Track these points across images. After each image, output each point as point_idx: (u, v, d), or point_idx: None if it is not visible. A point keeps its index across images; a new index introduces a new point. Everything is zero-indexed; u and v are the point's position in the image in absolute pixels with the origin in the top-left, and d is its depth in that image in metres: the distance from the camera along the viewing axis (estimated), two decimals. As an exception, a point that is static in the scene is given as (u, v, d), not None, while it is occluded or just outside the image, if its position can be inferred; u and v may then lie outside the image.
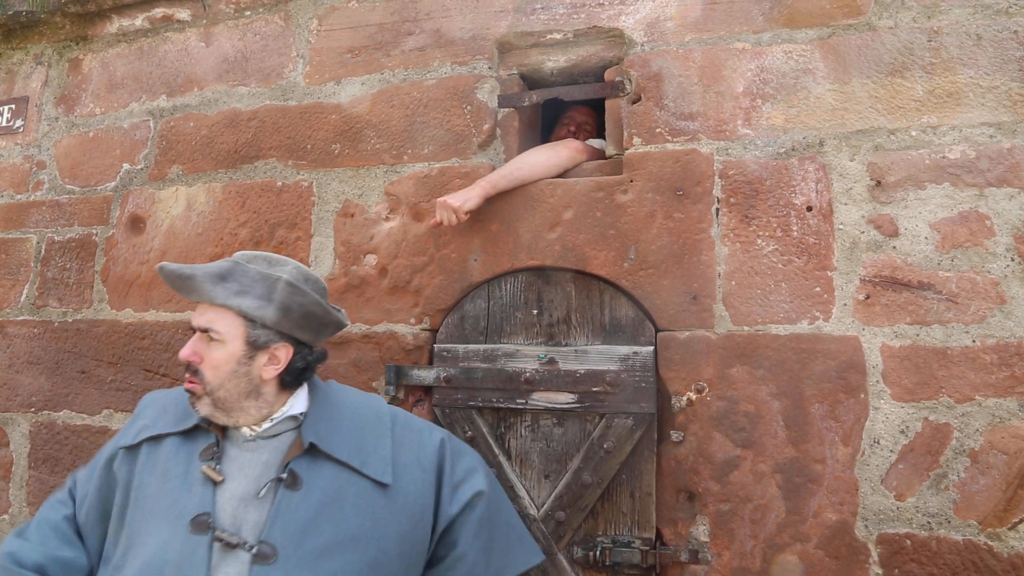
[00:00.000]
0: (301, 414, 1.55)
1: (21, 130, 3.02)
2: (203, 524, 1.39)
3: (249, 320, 1.48)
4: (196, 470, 1.47)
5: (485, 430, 2.12)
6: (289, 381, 1.55)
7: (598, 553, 1.96)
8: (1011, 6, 1.90)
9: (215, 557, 1.36)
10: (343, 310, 1.66)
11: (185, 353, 1.47)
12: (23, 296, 2.86)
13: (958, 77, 1.91)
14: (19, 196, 2.96)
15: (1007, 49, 1.89)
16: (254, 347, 1.48)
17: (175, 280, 1.50)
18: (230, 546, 1.37)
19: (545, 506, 2.03)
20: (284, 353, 1.52)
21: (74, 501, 1.60)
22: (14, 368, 2.82)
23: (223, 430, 1.54)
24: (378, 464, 1.51)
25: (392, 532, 1.47)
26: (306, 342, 1.57)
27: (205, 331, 1.47)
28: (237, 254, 1.57)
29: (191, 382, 1.48)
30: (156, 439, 1.56)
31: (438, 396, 2.17)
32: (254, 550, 1.36)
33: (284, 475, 1.44)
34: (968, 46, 1.92)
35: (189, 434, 1.55)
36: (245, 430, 1.52)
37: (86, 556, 1.53)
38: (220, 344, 1.47)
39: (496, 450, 2.10)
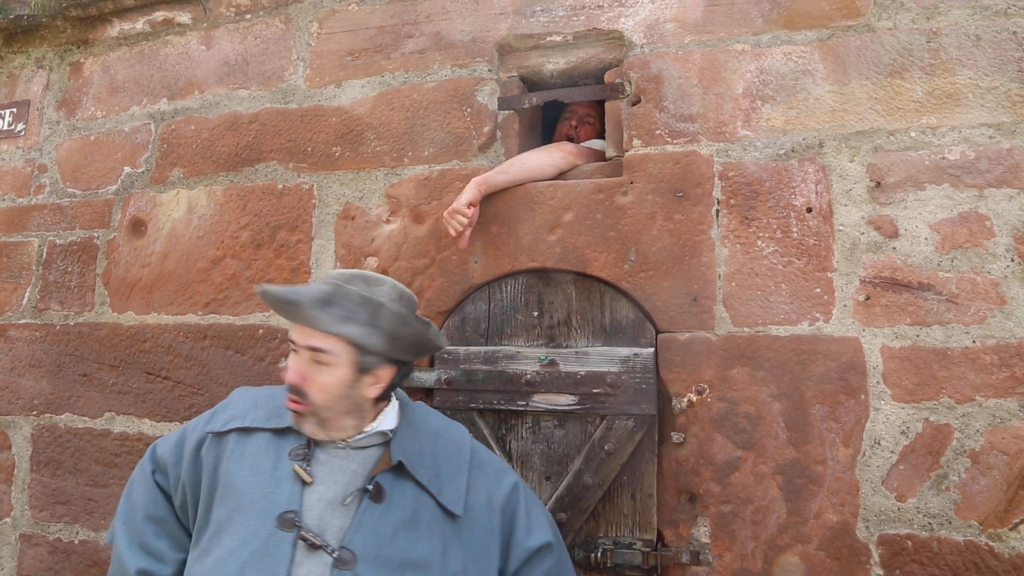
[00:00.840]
0: (390, 431, 1.57)
1: (23, 134, 3.03)
2: (289, 521, 1.42)
3: (358, 347, 1.47)
4: (286, 468, 1.49)
5: (486, 432, 2.12)
6: (385, 396, 1.59)
7: (599, 554, 1.96)
8: (1010, 7, 1.90)
9: (298, 555, 1.39)
10: (435, 327, 1.64)
11: (293, 377, 1.46)
12: (25, 299, 2.87)
13: (957, 78, 1.92)
14: (21, 200, 2.97)
15: (1006, 50, 1.89)
16: (361, 371, 1.49)
17: (278, 305, 1.49)
18: (313, 547, 1.40)
19: (546, 507, 2.03)
20: (387, 373, 1.54)
21: (160, 488, 1.61)
22: (16, 371, 2.82)
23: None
24: (452, 494, 1.53)
25: (455, 565, 1.48)
26: (406, 361, 1.60)
27: (314, 352, 1.46)
28: (333, 274, 1.55)
29: (296, 403, 1.47)
30: (245, 431, 1.57)
31: (439, 398, 2.18)
32: (336, 554, 1.39)
33: (370, 487, 1.47)
34: (967, 47, 1.92)
35: (280, 432, 1.56)
36: (336, 439, 1.54)
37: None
38: (329, 368, 1.47)
39: (497, 452, 2.10)
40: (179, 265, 2.62)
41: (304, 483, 1.47)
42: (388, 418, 1.59)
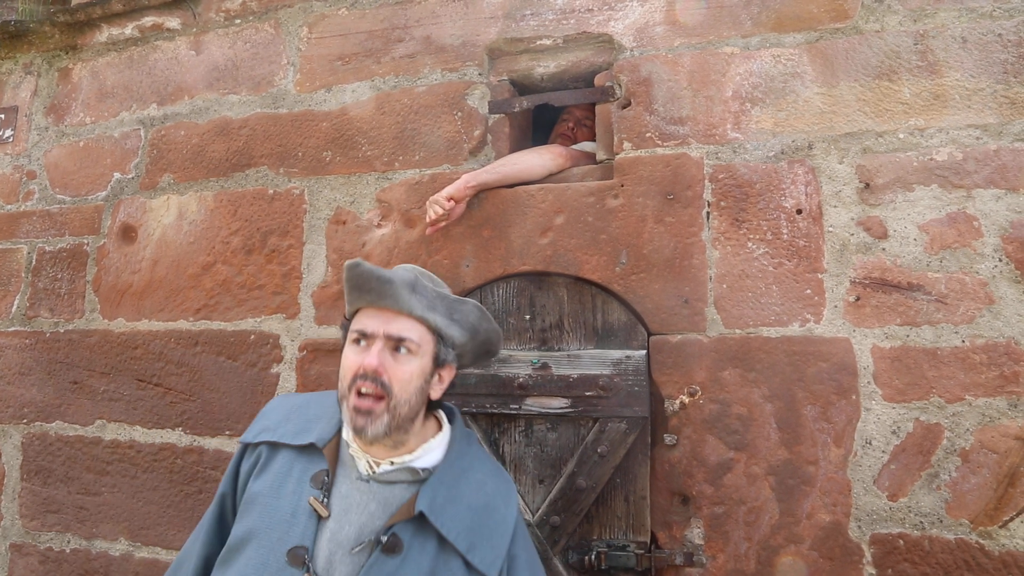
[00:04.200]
0: (426, 469, 1.43)
1: (11, 140, 3.01)
2: (299, 559, 1.33)
3: (439, 336, 1.42)
4: (305, 496, 1.39)
5: (479, 436, 2.12)
6: (432, 405, 1.49)
7: (593, 557, 1.96)
8: (995, 9, 1.92)
9: None
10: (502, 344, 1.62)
11: (374, 361, 1.35)
12: (14, 307, 2.85)
13: (944, 80, 1.93)
14: (9, 206, 2.95)
15: (992, 52, 1.91)
16: (436, 365, 1.43)
17: (372, 280, 1.38)
18: None
19: (540, 511, 2.04)
20: (449, 375, 1.47)
21: (221, 516, 1.53)
22: (5, 379, 2.80)
23: (335, 458, 1.45)
24: (488, 554, 1.37)
25: None
26: (464, 365, 1.54)
27: (398, 340, 1.37)
28: (401, 266, 1.51)
29: (376, 395, 1.35)
30: (274, 445, 1.49)
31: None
32: None
33: (385, 537, 1.33)
34: (954, 49, 1.93)
35: (304, 450, 1.46)
36: (362, 466, 1.42)
37: None
38: (413, 357, 1.39)
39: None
40: (170, 271, 2.61)
41: (320, 517, 1.37)
42: (431, 452, 1.45)
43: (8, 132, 3.02)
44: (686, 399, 1.99)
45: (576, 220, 2.15)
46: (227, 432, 2.42)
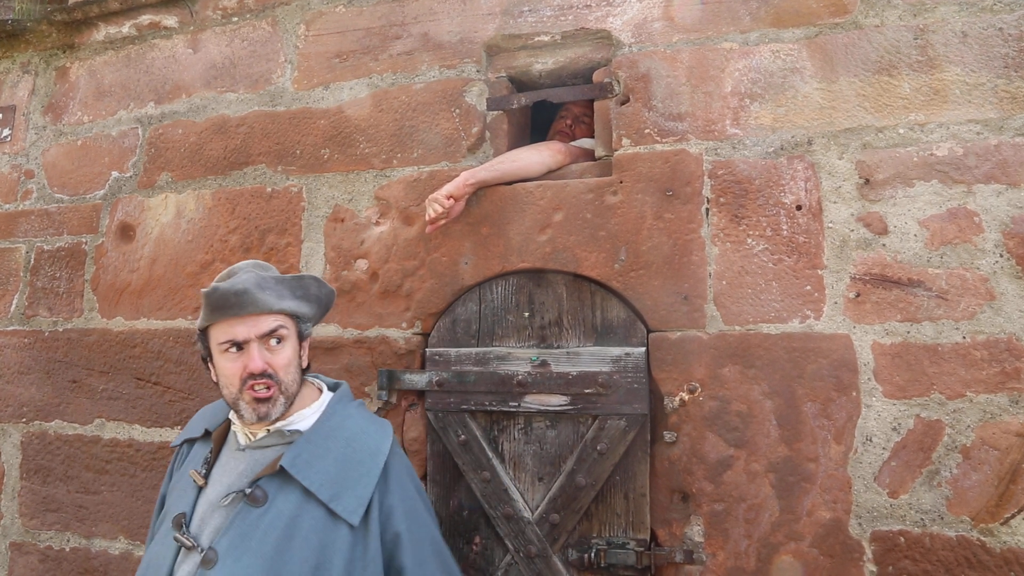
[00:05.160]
0: (295, 431, 1.58)
1: (9, 139, 3.00)
2: (178, 524, 1.51)
3: (296, 318, 1.62)
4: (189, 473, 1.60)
5: (478, 433, 2.11)
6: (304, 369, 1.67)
7: (593, 555, 1.96)
8: (995, 3, 1.90)
9: (180, 556, 1.47)
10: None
11: (259, 364, 1.53)
12: (13, 306, 2.85)
13: (945, 74, 1.92)
14: (8, 206, 2.95)
15: (992, 46, 1.89)
16: (300, 340, 1.64)
17: (230, 297, 1.52)
18: (187, 547, 1.46)
19: (539, 509, 2.03)
20: (307, 342, 1.68)
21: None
22: (4, 378, 2.80)
23: (223, 440, 1.65)
24: (350, 503, 1.49)
25: (337, 571, 1.43)
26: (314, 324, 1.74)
27: (269, 335, 1.56)
28: (237, 267, 1.65)
29: (269, 387, 1.53)
30: (190, 442, 1.73)
31: (431, 400, 2.17)
32: (203, 554, 1.43)
33: (249, 489, 1.48)
34: (954, 43, 1.92)
35: (204, 439, 1.70)
36: (241, 438, 1.61)
37: None
38: (285, 342, 1.58)
39: (489, 453, 2.09)
40: (168, 270, 2.61)
41: (200, 486, 1.56)
42: (305, 418, 1.62)
43: (6, 131, 3.01)
44: (686, 396, 1.98)
45: (575, 217, 2.14)
46: (226, 431, 2.42)
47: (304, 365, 1.65)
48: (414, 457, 2.20)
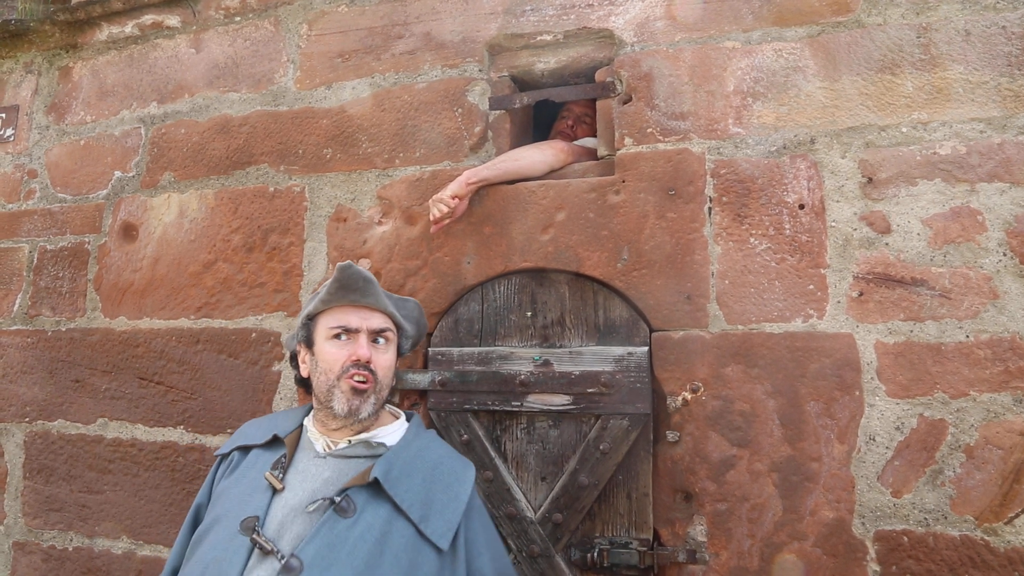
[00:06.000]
0: (382, 444, 1.57)
1: (12, 139, 3.01)
2: (249, 527, 1.41)
3: (400, 330, 1.67)
4: (264, 477, 1.52)
5: (481, 433, 2.11)
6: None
7: (596, 555, 1.96)
8: (999, 1, 1.90)
9: (252, 560, 1.38)
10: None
11: (365, 353, 1.55)
12: (16, 305, 2.85)
13: (948, 73, 1.92)
14: (11, 205, 2.95)
15: (995, 44, 1.89)
16: (399, 354, 1.68)
17: (359, 280, 1.57)
18: (264, 551, 1.37)
19: (542, 508, 2.03)
20: (397, 360, 1.69)
21: (195, 525, 1.63)
22: (7, 378, 2.80)
23: (296, 444, 1.60)
24: (440, 526, 1.44)
25: None
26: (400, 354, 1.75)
27: (378, 332, 1.60)
28: (352, 269, 1.63)
29: (364, 381, 1.53)
30: (244, 449, 1.65)
31: (433, 400, 2.17)
32: (284, 560, 1.35)
33: (338, 499, 1.42)
34: (957, 42, 1.92)
35: (269, 445, 1.62)
36: (319, 446, 1.57)
37: None
38: (390, 345, 1.62)
39: (492, 453, 2.09)
40: (171, 269, 2.61)
41: (275, 490, 1.48)
42: (391, 434, 1.60)
43: (9, 131, 3.02)
44: (688, 396, 1.98)
45: (577, 216, 2.14)
46: (228, 430, 2.42)
47: (393, 383, 1.65)
48: (417, 456, 2.20)
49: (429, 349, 2.22)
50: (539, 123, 2.68)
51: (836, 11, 2.03)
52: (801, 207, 1.97)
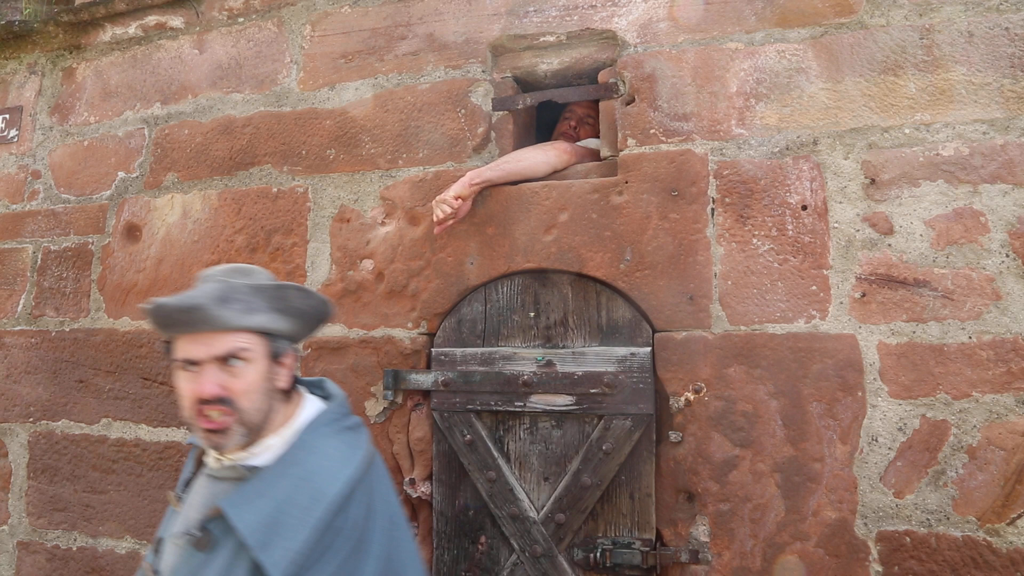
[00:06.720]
0: (253, 467, 1.37)
1: (16, 140, 3.02)
2: (156, 550, 1.44)
3: (268, 335, 1.39)
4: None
5: (484, 433, 2.12)
6: (292, 386, 1.47)
7: (598, 555, 1.96)
8: (1002, 3, 1.90)
9: None
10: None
11: (210, 389, 1.32)
12: (20, 306, 2.86)
13: (950, 74, 1.92)
14: (14, 206, 2.96)
15: (998, 46, 1.89)
16: (274, 360, 1.41)
17: (176, 314, 1.33)
18: None
19: (545, 508, 2.04)
20: (290, 359, 1.46)
21: None
22: (11, 378, 2.81)
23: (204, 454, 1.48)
24: (275, 553, 1.24)
25: None
26: (300, 340, 1.53)
27: (227, 356, 1.34)
28: (209, 272, 1.46)
29: (225, 414, 1.33)
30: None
31: (436, 400, 2.17)
32: None
33: (198, 531, 1.32)
34: (960, 43, 1.92)
35: (193, 449, 1.56)
36: (211, 461, 1.43)
37: None
38: (248, 364, 1.35)
39: (495, 453, 2.10)
40: (174, 270, 2.61)
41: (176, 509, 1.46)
42: (272, 447, 1.39)
43: (13, 132, 3.02)
44: (691, 396, 1.98)
45: (580, 217, 2.15)
46: (232, 430, 2.42)
47: (283, 386, 1.42)
48: (419, 457, 2.20)
49: (432, 350, 2.22)
50: (541, 124, 2.68)
51: (839, 12, 2.03)
52: (804, 208, 1.98)
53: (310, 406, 1.48)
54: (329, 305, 1.54)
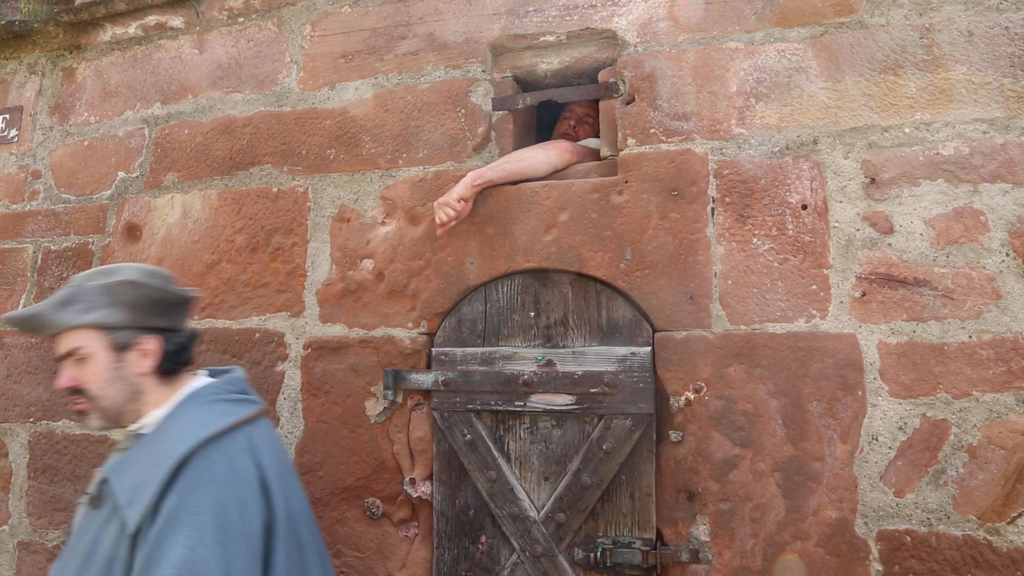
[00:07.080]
0: (142, 434, 1.61)
1: (16, 140, 3.02)
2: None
3: (105, 329, 1.58)
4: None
5: (484, 433, 2.12)
6: (170, 368, 1.65)
7: (599, 554, 1.96)
8: (1002, 2, 1.90)
9: None
10: (189, 289, 1.80)
11: (63, 382, 1.58)
12: (20, 306, 2.86)
13: (951, 74, 1.92)
14: (15, 206, 2.96)
15: (998, 45, 1.89)
16: (120, 350, 1.59)
17: (24, 325, 1.60)
18: None
19: (545, 508, 2.04)
20: (153, 344, 1.62)
21: None
22: (12, 378, 2.81)
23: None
24: (133, 510, 1.42)
25: None
26: (171, 327, 1.67)
27: (69, 355, 1.58)
28: (75, 277, 1.66)
29: (79, 404, 1.59)
30: None
31: (436, 400, 2.17)
32: None
33: (94, 491, 1.56)
34: (960, 42, 1.92)
35: None
36: (119, 436, 1.72)
37: None
38: (89, 359, 1.57)
39: (495, 453, 2.10)
40: (174, 270, 2.61)
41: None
42: (157, 418, 1.60)
43: (13, 132, 3.03)
44: (691, 396, 1.98)
45: (580, 217, 2.15)
46: (232, 430, 2.42)
47: (143, 370, 1.60)
48: (420, 457, 2.21)
49: (433, 349, 2.22)
50: (541, 124, 2.68)
51: (839, 12, 2.03)
52: (804, 207, 1.98)
53: (197, 383, 1.68)
54: (168, 286, 1.69)
